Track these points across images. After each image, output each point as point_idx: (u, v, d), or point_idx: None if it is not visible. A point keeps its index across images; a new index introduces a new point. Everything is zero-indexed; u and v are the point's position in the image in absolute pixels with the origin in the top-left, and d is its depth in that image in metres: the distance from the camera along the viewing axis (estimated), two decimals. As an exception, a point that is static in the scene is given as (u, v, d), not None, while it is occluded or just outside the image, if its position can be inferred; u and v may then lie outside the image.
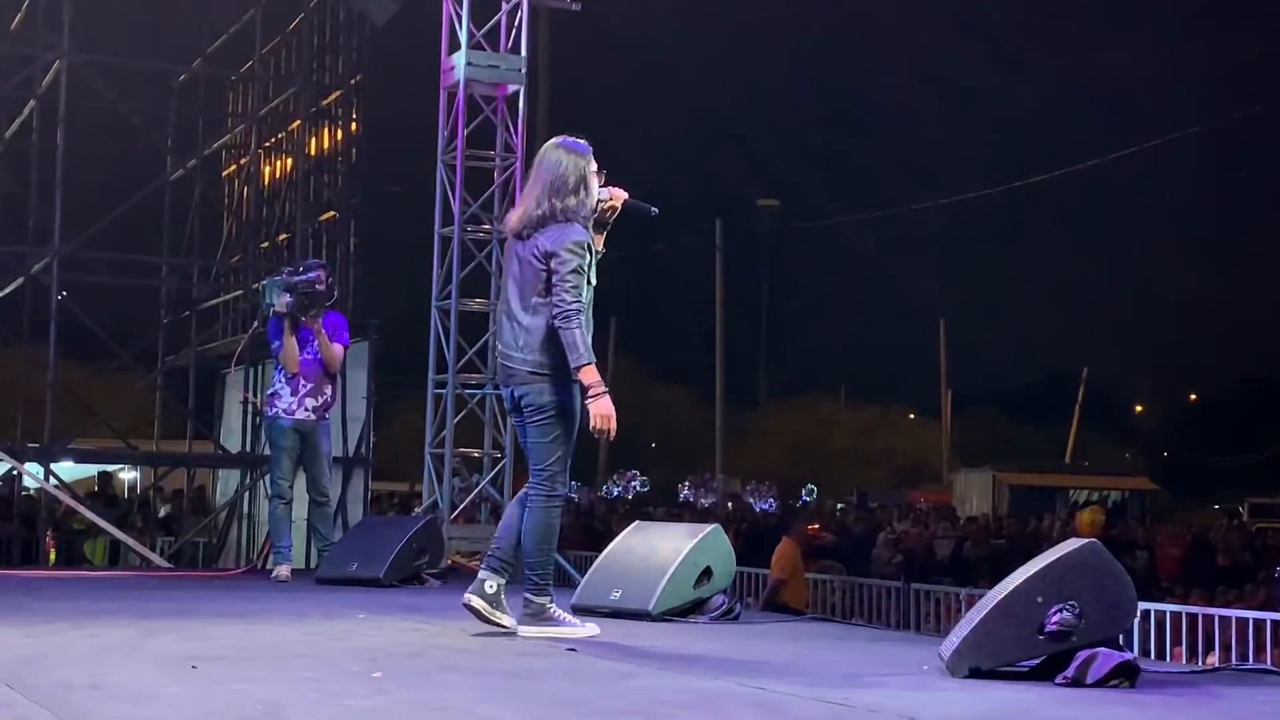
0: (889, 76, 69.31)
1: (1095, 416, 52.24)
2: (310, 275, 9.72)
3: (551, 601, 6.18)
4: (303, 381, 9.73)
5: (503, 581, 6.18)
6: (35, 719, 3.81)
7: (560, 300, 5.96)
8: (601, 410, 5.99)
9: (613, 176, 6.40)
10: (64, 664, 4.89)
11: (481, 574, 6.21)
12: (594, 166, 6.19)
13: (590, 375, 5.99)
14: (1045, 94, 67.52)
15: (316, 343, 9.67)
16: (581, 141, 6.26)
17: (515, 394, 6.16)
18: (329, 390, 9.90)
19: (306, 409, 9.76)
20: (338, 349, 9.82)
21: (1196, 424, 60.11)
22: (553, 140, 6.32)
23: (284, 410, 9.76)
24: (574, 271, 5.98)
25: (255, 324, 10.24)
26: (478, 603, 6.11)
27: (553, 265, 5.99)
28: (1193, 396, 65.24)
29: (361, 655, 5.36)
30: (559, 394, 6.07)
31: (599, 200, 6.25)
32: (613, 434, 6.05)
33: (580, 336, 5.96)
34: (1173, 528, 23.75)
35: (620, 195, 6.35)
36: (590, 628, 6.24)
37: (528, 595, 6.15)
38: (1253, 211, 66.85)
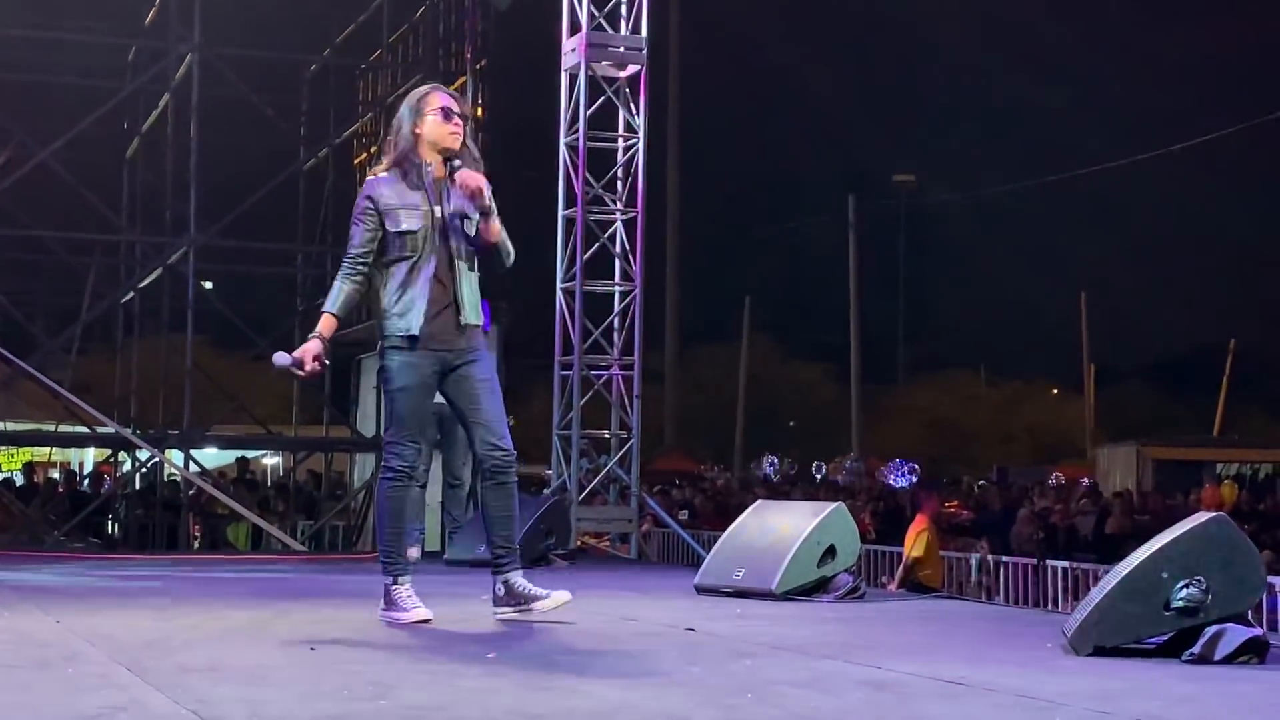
0: (1030, 42, 68.17)
1: (1245, 388, 50.99)
2: None
3: (396, 583, 5.83)
4: None
5: (507, 576, 5.89)
6: (148, 701, 3.88)
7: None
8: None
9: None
10: (186, 647, 4.97)
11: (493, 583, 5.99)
12: (436, 102, 5.84)
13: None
14: (1178, 64, 65.96)
15: None
16: (423, 87, 6.05)
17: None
18: None
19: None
20: None
21: (1350, 394, 58.42)
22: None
23: None
24: (353, 224, 5.88)
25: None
26: (508, 612, 5.88)
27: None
28: (1346, 366, 63.40)
29: (478, 637, 5.39)
30: (381, 358, 5.94)
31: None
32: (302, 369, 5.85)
33: (335, 286, 5.90)
34: (1324, 501, 23.10)
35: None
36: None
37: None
38: None
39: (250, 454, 20.79)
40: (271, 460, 24.18)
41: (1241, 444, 37.93)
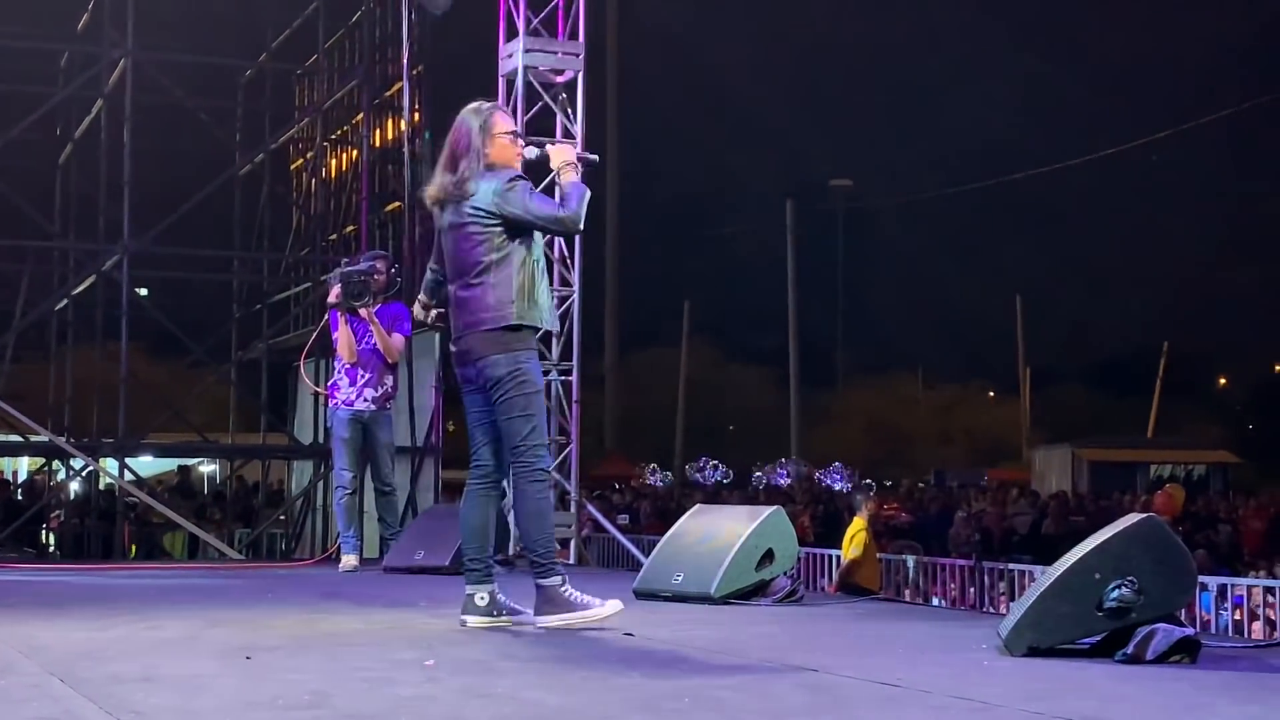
0: (963, 47, 68.67)
1: (1178, 390, 51.61)
2: (363, 266, 9.79)
3: (564, 581, 5.91)
4: (361, 372, 9.78)
5: (492, 588, 5.99)
6: (81, 712, 3.84)
7: (555, 215, 5.86)
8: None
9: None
10: (120, 657, 4.93)
11: (468, 589, 6.01)
12: (499, 123, 5.98)
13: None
14: (1113, 69, 66.66)
15: (373, 333, 9.72)
16: (485, 103, 6.11)
17: (473, 371, 5.93)
18: (390, 380, 9.95)
19: (366, 399, 9.82)
20: (397, 339, 9.85)
21: (1281, 396, 59.20)
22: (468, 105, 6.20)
23: (343, 401, 9.84)
24: (532, 193, 5.85)
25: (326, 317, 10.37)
26: (476, 621, 5.92)
27: (510, 210, 5.82)
28: (1277, 368, 64.28)
29: (418, 643, 5.37)
30: (515, 363, 5.86)
31: (536, 158, 6.09)
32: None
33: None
34: (1256, 501, 23.42)
35: (560, 149, 6.14)
36: (612, 604, 5.91)
37: (538, 581, 5.91)
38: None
39: (188, 462, 20.62)
40: (208, 468, 24.00)
41: (1174, 445, 38.38)
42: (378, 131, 15.29)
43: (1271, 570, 15.07)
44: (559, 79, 11.56)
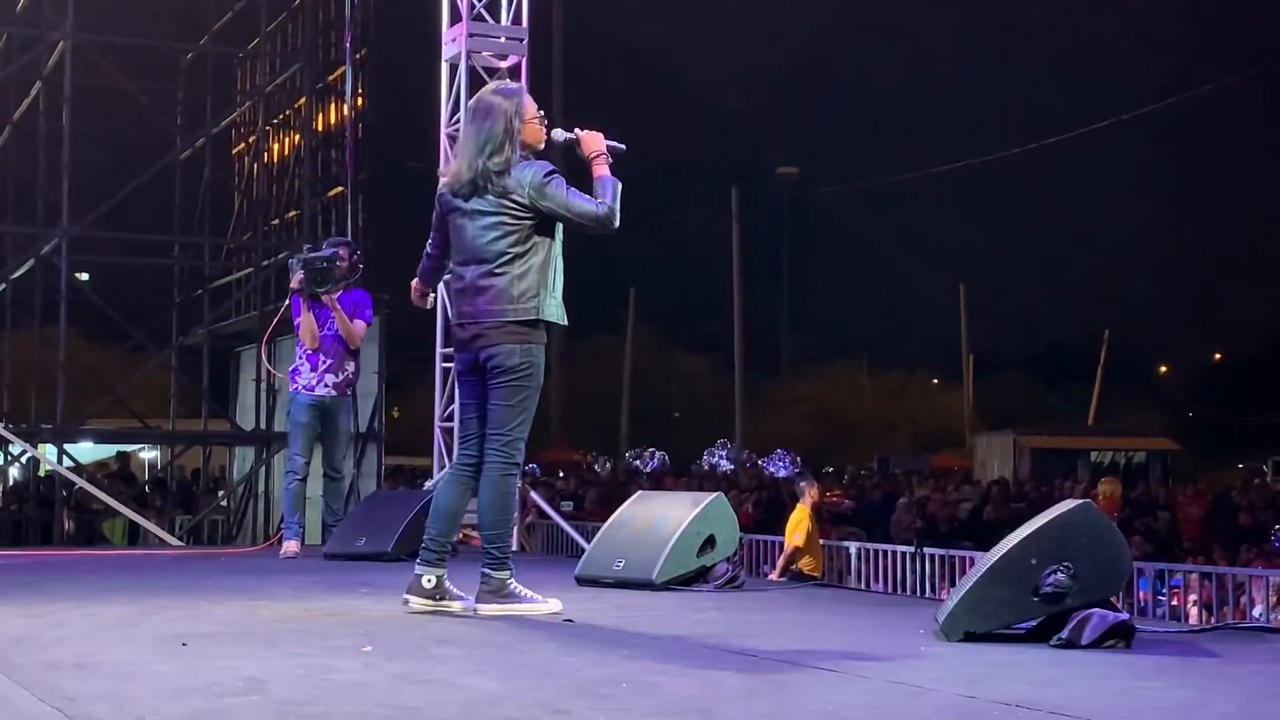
0: (909, 34, 68.93)
1: (1119, 377, 52.09)
2: (327, 252, 9.79)
3: (511, 576, 5.93)
4: (323, 358, 9.76)
5: (441, 573, 5.98)
6: (14, 699, 3.81)
7: (594, 212, 5.80)
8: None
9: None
10: (56, 643, 4.89)
11: (418, 569, 5.98)
12: (529, 108, 5.94)
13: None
14: (1063, 55, 67.09)
15: (335, 319, 9.70)
16: (513, 84, 6.12)
17: (481, 357, 5.88)
18: (351, 367, 9.92)
19: (326, 385, 9.80)
20: (359, 325, 9.83)
21: (1220, 383, 59.91)
22: (486, 87, 6.17)
23: (304, 386, 9.81)
24: (569, 188, 5.80)
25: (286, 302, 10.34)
26: (419, 603, 5.91)
27: (546, 205, 5.77)
28: (1216, 356, 65.01)
29: (355, 630, 5.35)
30: (529, 356, 5.84)
31: (564, 142, 6.06)
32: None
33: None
34: (1194, 488, 23.67)
35: (591, 136, 6.04)
36: (553, 603, 5.95)
37: (486, 571, 5.89)
38: (1275, 169, 66.39)
39: (128, 448, 20.45)
40: (149, 454, 23.82)
41: (1114, 431, 38.75)
42: (320, 116, 15.20)
43: (1209, 557, 15.25)
44: (503, 64, 11.52)
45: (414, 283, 6.53)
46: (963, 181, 56.52)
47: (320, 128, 15.15)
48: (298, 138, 15.55)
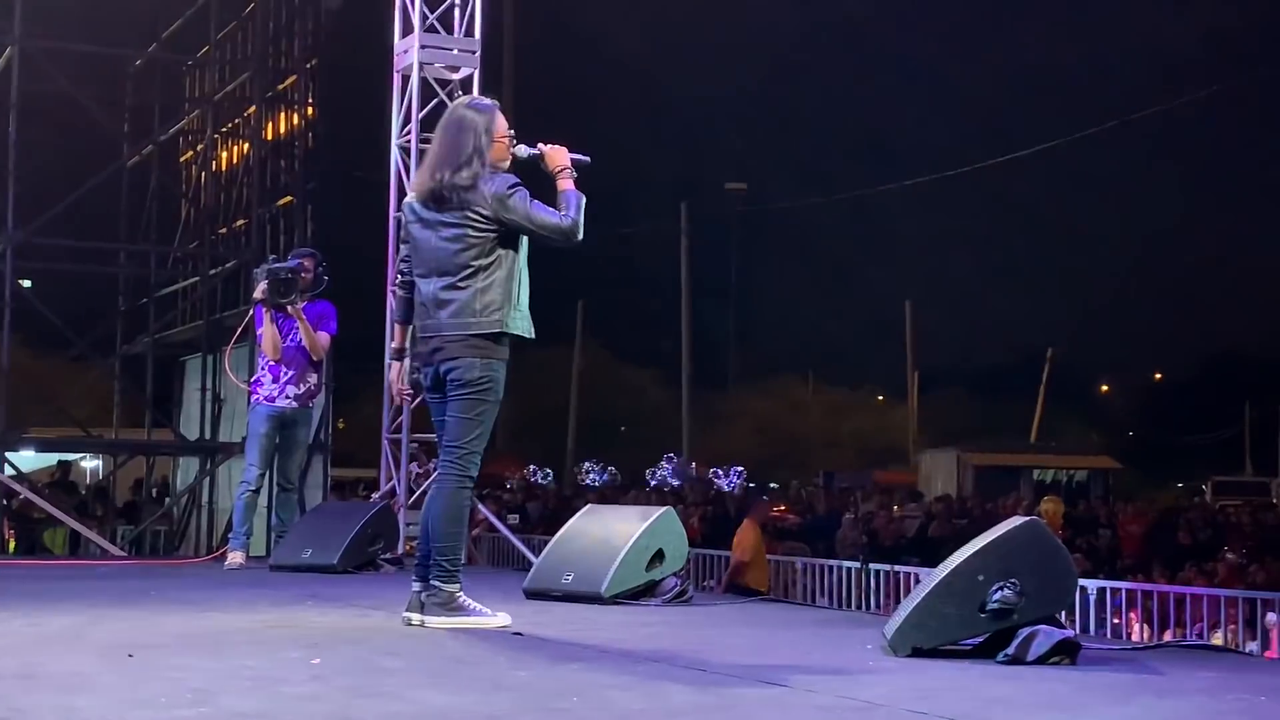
0: (856, 57, 69.31)
1: (1061, 396, 52.50)
2: (293, 262, 9.78)
3: (461, 589, 5.91)
4: (285, 369, 9.72)
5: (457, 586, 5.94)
6: (-41, 709, 3.77)
7: (557, 224, 5.79)
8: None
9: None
10: (0, 654, 4.84)
11: (415, 586, 5.96)
12: (500, 125, 5.96)
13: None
14: (1008, 75, 67.69)
15: (299, 330, 9.66)
16: (487, 100, 6.10)
17: (442, 370, 5.87)
18: (313, 379, 9.89)
19: (288, 396, 9.77)
20: (322, 337, 9.80)
21: (1161, 403, 60.51)
22: (458, 100, 6.20)
23: (265, 397, 9.77)
24: (532, 201, 5.79)
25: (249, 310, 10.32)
26: (418, 618, 5.90)
27: (510, 217, 5.77)
28: (1157, 375, 65.66)
29: (303, 642, 5.33)
30: (489, 370, 5.84)
31: (528, 157, 6.04)
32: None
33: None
34: (1135, 506, 23.88)
35: (555, 151, 6.04)
36: (502, 617, 5.94)
37: (436, 583, 5.86)
38: (1214, 192, 67.21)
39: (69, 457, 20.25)
40: (91, 464, 23.61)
41: (1056, 450, 39.05)
42: (270, 125, 15.12)
43: (1149, 574, 15.39)
44: (455, 76, 11.52)
45: (392, 373, 6.48)
46: (909, 199, 56.87)
47: (270, 136, 15.07)
48: (247, 146, 15.46)
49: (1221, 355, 59.63)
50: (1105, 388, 65.80)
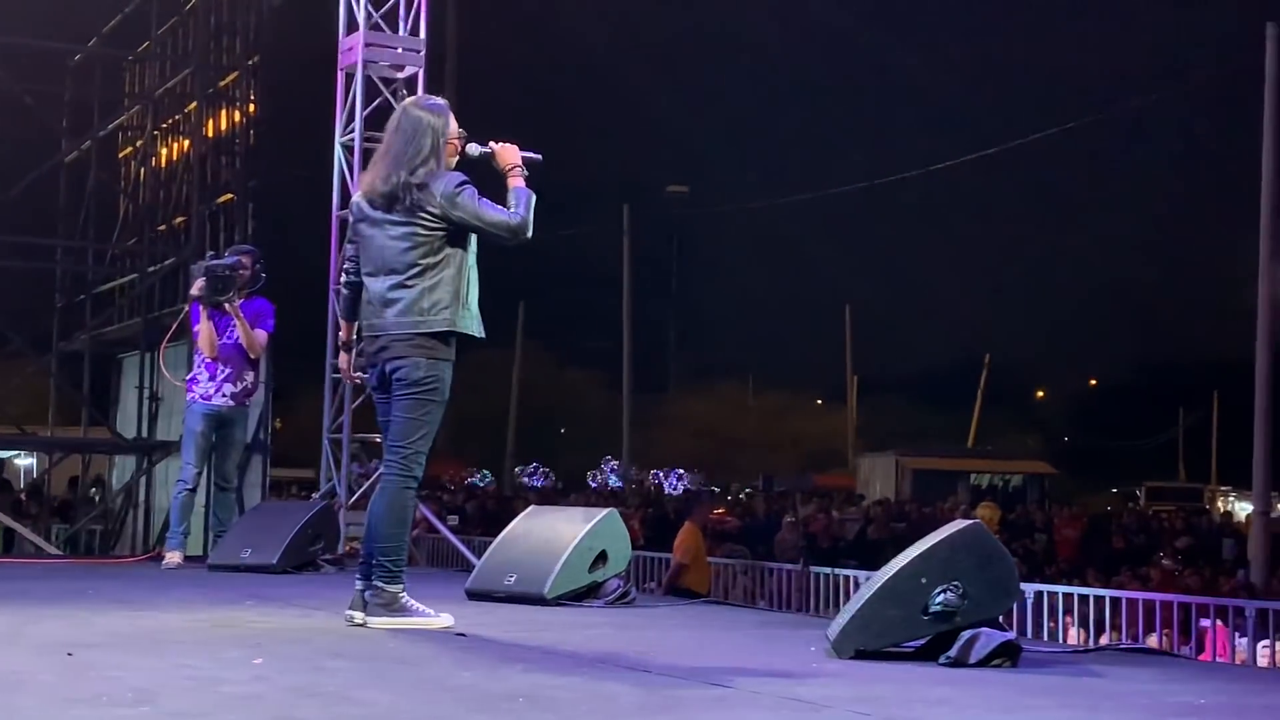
0: (799, 60, 69.59)
1: (998, 401, 52.91)
2: (230, 260, 9.70)
3: (404, 590, 5.88)
4: (221, 367, 9.65)
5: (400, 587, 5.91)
6: (-105, 709, 3.72)
7: (506, 222, 5.76)
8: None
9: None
10: (-65, 653, 4.78)
11: (358, 585, 5.92)
12: (453, 126, 5.94)
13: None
14: (950, 81, 68.12)
15: (236, 328, 9.58)
16: (440, 101, 6.07)
17: (387, 369, 5.84)
18: (250, 377, 9.81)
19: (225, 394, 9.69)
20: (260, 335, 9.73)
21: (1096, 409, 61.10)
22: (410, 99, 6.17)
23: (201, 396, 9.69)
24: (481, 198, 5.76)
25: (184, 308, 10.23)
26: (361, 617, 5.86)
27: (458, 215, 5.74)
28: (1093, 382, 66.30)
29: (245, 642, 5.29)
30: (435, 370, 5.81)
31: (479, 156, 6.02)
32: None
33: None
34: (1070, 511, 24.11)
35: (506, 149, 6.01)
36: (445, 618, 5.91)
37: (379, 584, 5.81)
38: (1150, 200, 67.93)
39: (3, 454, 20.02)
40: (25, 461, 23.35)
41: (993, 455, 39.36)
42: (211, 121, 15.00)
43: (1084, 578, 15.54)
44: (399, 75, 11.46)
45: (341, 361, 6.43)
46: (850, 205, 57.14)
47: (210, 133, 14.94)
48: (187, 143, 15.33)
49: (1155, 363, 60.29)
50: (1041, 394, 66.40)
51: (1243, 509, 32.59)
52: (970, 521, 5.49)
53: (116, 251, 16.18)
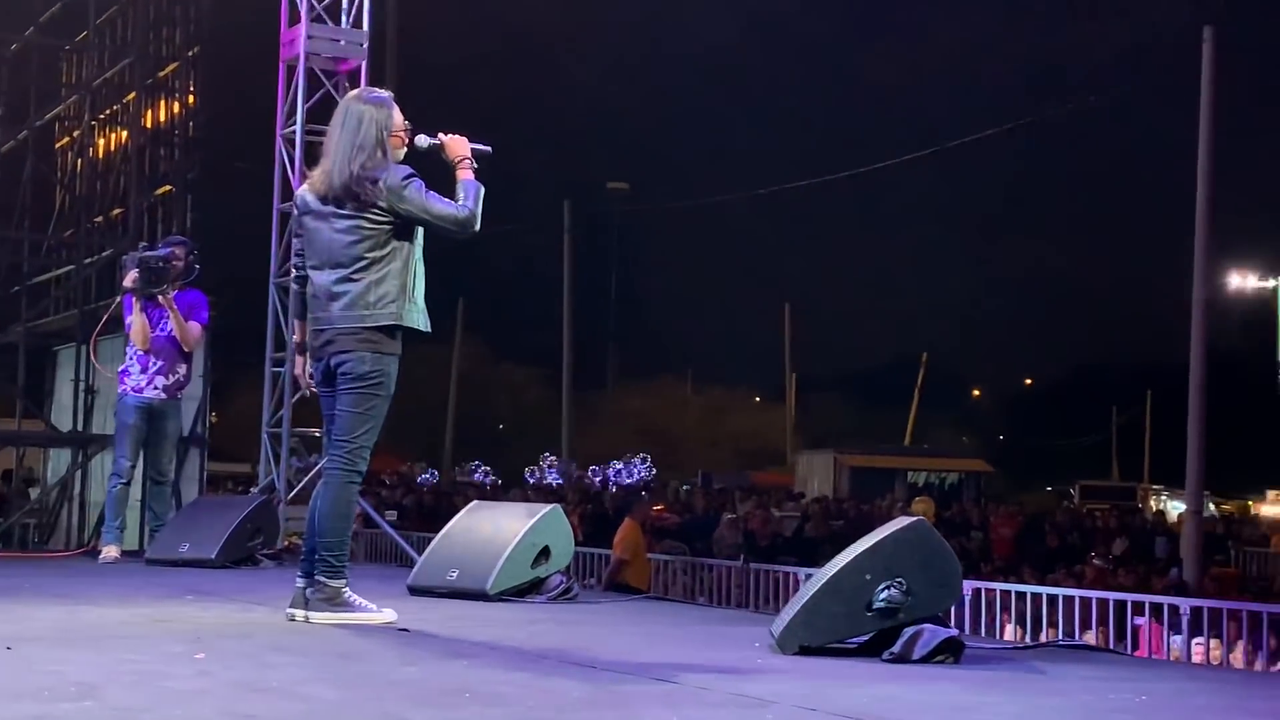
0: (738, 59, 69.78)
1: (934, 400, 53.25)
2: (164, 251, 9.63)
3: (346, 585, 5.85)
4: (154, 359, 9.57)
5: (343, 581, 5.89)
6: None
7: (454, 215, 5.74)
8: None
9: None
10: None
11: (299, 582, 5.88)
12: (398, 118, 5.91)
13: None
14: (884, 79, 68.52)
15: (169, 320, 9.50)
16: (383, 93, 6.04)
17: (333, 363, 5.83)
18: (183, 369, 9.74)
19: (156, 387, 9.62)
20: (194, 327, 9.66)
21: (1031, 408, 61.64)
22: (353, 93, 6.14)
23: (132, 388, 9.61)
24: (428, 191, 5.74)
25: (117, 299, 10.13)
26: (302, 614, 5.83)
27: (405, 208, 5.71)
28: (1028, 381, 66.88)
29: (186, 637, 5.25)
30: (380, 364, 5.80)
31: (428, 148, 6.00)
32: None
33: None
34: (1006, 509, 24.29)
35: (455, 141, 6.00)
36: (387, 613, 5.89)
37: (321, 579, 5.79)
38: (1083, 202, 68.60)
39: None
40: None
41: (930, 453, 39.61)
42: (150, 112, 14.85)
43: (1020, 576, 15.65)
44: (342, 67, 11.40)
45: (296, 366, 6.36)
46: (790, 203, 57.36)
47: (149, 124, 14.78)
48: (125, 134, 15.16)
49: (1089, 363, 60.89)
50: (977, 393, 66.90)
51: (1175, 508, 32.99)
52: (914, 519, 5.53)
53: (53, 243, 15.98)
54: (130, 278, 9.46)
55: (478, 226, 5.83)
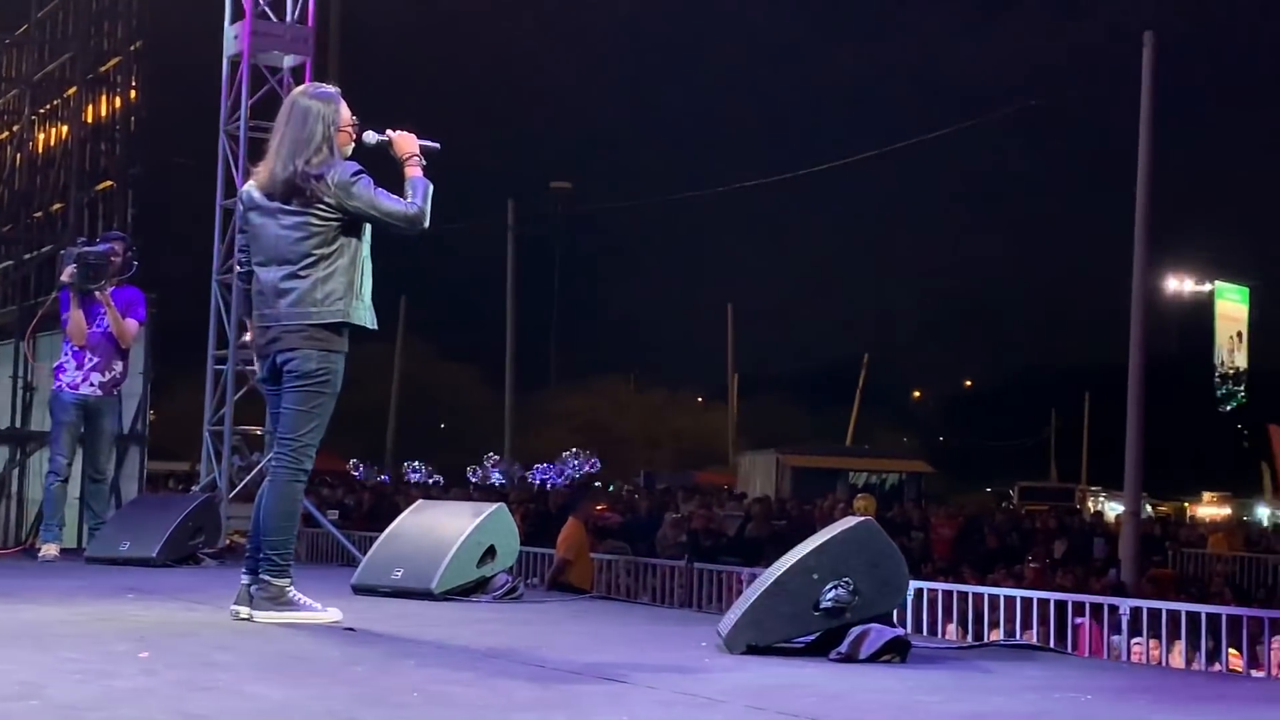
0: (685, 61, 69.88)
1: (876, 401, 53.50)
2: (102, 247, 9.53)
3: (291, 584, 5.81)
4: (90, 355, 9.47)
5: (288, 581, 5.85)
6: None
7: (403, 212, 5.71)
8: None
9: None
10: None
11: (244, 580, 5.84)
12: (345, 114, 5.87)
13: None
14: (830, 81, 68.83)
15: (107, 316, 9.41)
16: (331, 88, 6.00)
17: (279, 360, 5.79)
18: (119, 366, 9.64)
19: (92, 384, 9.52)
20: (131, 324, 9.57)
21: (971, 409, 62.09)
22: (300, 88, 6.09)
23: (68, 384, 9.52)
24: (377, 189, 5.70)
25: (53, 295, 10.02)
26: (247, 612, 5.79)
27: (353, 205, 5.67)
28: (968, 383, 67.35)
29: (130, 636, 5.20)
30: (326, 362, 5.77)
31: (376, 144, 5.96)
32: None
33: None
34: (946, 510, 24.43)
35: (404, 137, 5.96)
36: (333, 612, 5.84)
37: (265, 577, 5.74)
38: (1024, 206, 69.16)
39: None
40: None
41: (872, 453, 39.81)
42: (91, 107, 14.69)
43: (960, 576, 15.75)
44: (286, 64, 11.33)
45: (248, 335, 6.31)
46: (733, 204, 57.49)
47: (90, 119, 14.63)
48: (66, 129, 15.00)
49: (1028, 366, 61.41)
50: (918, 394, 67.29)
51: (1113, 509, 33.31)
52: (862, 519, 5.55)
53: (-10, 237, 15.80)
54: (68, 272, 9.37)
55: (427, 223, 5.80)
